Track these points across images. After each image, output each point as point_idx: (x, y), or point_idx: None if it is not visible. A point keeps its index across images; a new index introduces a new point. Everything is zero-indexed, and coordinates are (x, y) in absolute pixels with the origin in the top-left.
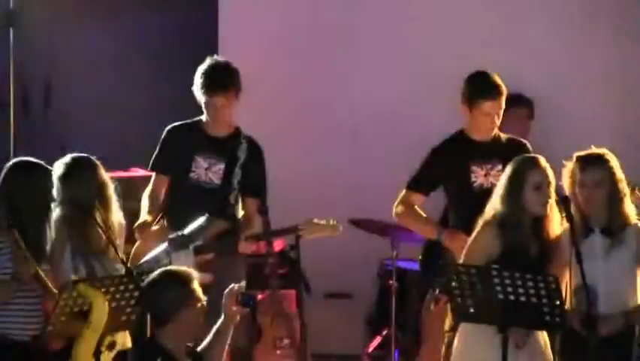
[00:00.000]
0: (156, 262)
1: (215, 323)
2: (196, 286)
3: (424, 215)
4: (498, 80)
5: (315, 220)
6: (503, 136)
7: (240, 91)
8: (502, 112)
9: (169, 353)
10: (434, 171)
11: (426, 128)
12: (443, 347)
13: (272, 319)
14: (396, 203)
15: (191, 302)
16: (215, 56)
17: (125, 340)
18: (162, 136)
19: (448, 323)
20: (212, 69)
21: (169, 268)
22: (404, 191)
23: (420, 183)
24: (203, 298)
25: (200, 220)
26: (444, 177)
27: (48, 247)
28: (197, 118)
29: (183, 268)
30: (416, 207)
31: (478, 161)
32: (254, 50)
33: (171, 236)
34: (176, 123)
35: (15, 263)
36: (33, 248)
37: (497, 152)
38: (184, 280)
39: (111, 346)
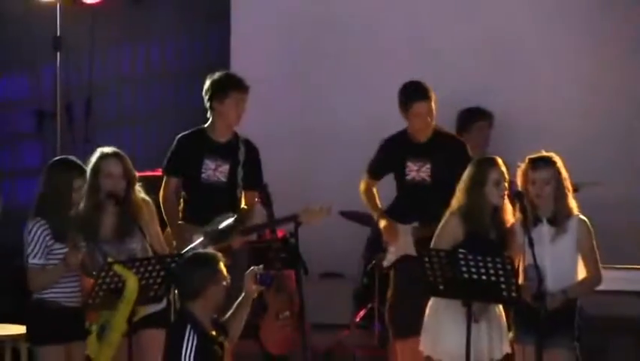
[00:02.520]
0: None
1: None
2: (222, 267)
3: (375, 197)
4: (426, 85)
5: (310, 207)
6: (441, 136)
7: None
8: (432, 114)
9: (198, 321)
10: (380, 162)
11: None
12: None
13: (275, 295)
14: (360, 185)
15: (217, 280)
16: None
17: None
18: (174, 144)
19: (389, 293)
20: (229, 74)
21: (200, 251)
22: (365, 174)
23: (372, 169)
24: (227, 276)
25: (230, 220)
26: (387, 168)
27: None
28: (201, 127)
29: (211, 251)
30: (372, 189)
31: (413, 159)
32: (261, 69)
33: (207, 231)
34: (184, 133)
35: (68, 251)
36: (57, 236)
37: (431, 150)
38: (212, 261)
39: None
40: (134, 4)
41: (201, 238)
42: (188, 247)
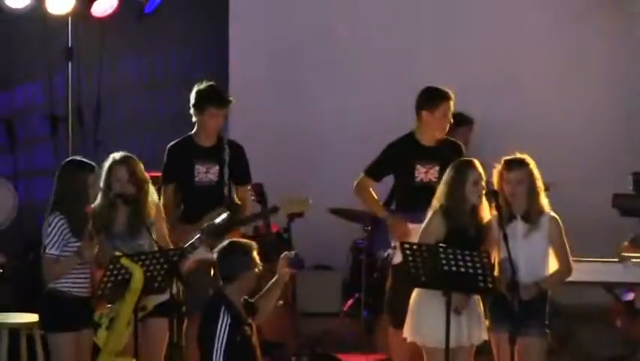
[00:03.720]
0: (192, 247)
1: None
2: (255, 254)
3: (375, 197)
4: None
5: (290, 198)
6: (445, 141)
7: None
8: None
9: (231, 303)
10: (385, 164)
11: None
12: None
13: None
14: (355, 183)
15: (251, 266)
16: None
17: (150, 303)
18: (166, 154)
19: (388, 284)
20: (211, 90)
21: (237, 240)
22: (362, 174)
23: (374, 171)
24: (260, 264)
25: (224, 215)
26: (391, 170)
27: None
28: (189, 134)
29: (247, 240)
30: (370, 189)
31: (422, 161)
32: (257, 77)
33: (203, 227)
34: (173, 142)
35: (83, 244)
36: (74, 230)
37: (438, 154)
38: (247, 249)
39: (142, 308)
40: (139, 18)
41: (198, 235)
42: (187, 244)
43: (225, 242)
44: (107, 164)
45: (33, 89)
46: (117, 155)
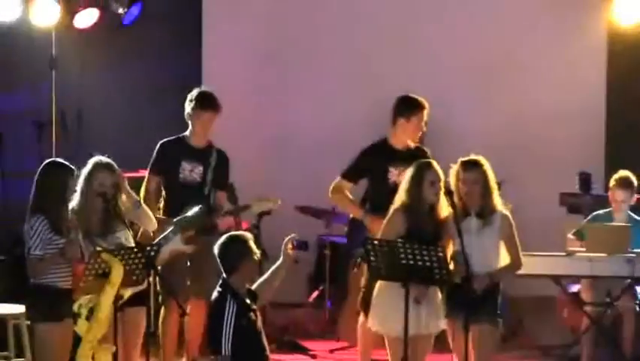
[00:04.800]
0: (165, 238)
1: (200, 282)
2: (252, 244)
3: (352, 198)
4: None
5: (261, 198)
6: (413, 146)
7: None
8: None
9: (236, 292)
10: (360, 167)
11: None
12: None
13: None
14: (331, 187)
15: (250, 256)
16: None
17: (127, 292)
18: (157, 148)
19: (363, 281)
20: (206, 94)
21: (233, 233)
22: (338, 178)
23: (350, 174)
24: (257, 252)
25: (195, 209)
26: (366, 173)
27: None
28: (182, 134)
29: (242, 232)
30: (346, 191)
31: (395, 165)
32: (229, 86)
33: (175, 220)
34: (166, 139)
35: (66, 242)
36: (55, 229)
37: (409, 158)
38: (245, 240)
39: (120, 297)
40: (119, 30)
41: (172, 227)
42: (160, 236)
43: (223, 237)
44: (89, 166)
45: (20, 96)
46: (101, 159)
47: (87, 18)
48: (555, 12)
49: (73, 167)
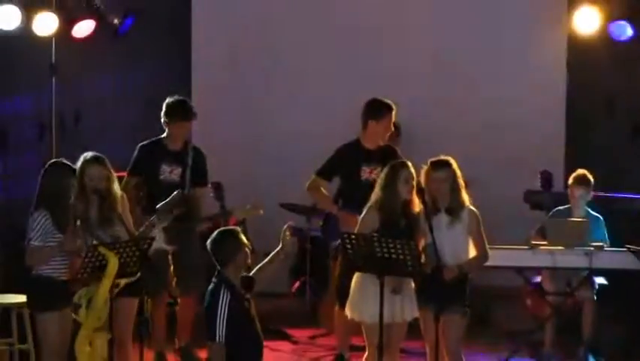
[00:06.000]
0: (151, 223)
1: (185, 280)
2: (242, 236)
3: (327, 194)
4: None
5: (242, 206)
6: (383, 145)
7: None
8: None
9: (230, 282)
10: (335, 166)
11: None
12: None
13: None
14: (308, 183)
15: (242, 247)
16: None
17: (123, 280)
18: (135, 151)
19: (337, 271)
20: (179, 104)
21: (224, 228)
22: (314, 176)
23: (325, 172)
24: (248, 243)
25: (174, 194)
26: (340, 171)
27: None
28: (160, 137)
29: (232, 227)
30: (322, 188)
31: (366, 163)
32: (216, 91)
33: (158, 207)
34: (144, 142)
35: (65, 236)
36: (57, 224)
37: (380, 157)
38: (235, 234)
39: (116, 285)
40: (114, 39)
41: (154, 216)
42: (146, 223)
43: (215, 233)
44: (79, 162)
45: (22, 100)
46: (88, 155)
47: (84, 28)
48: (520, 23)
49: (74, 167)
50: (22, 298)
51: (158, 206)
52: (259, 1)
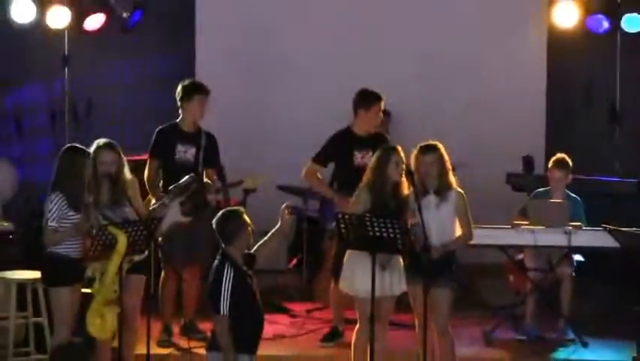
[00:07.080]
0: (163, 204)
1: (192, 250)
2: (245, 216)
3: (322, 180)
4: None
5: (252, 174)
6: (374, 132)
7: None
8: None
9: (234, 261)
10: (329, 152)
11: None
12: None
13: None
14: (304, 170)
15: (245, 226)
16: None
17: (135, 256)
18: (154, 134)
19: (334, 249)
20: (192, 83)
21: (229, 208)
22: (310, 162)
23: (320, 158)
24: (250, 223)
25: (187, 177)
26: (334, 157)
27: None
28: (174, 121)
29: (236, 207)
30: (317, 173)
31: (358, 149)
32: (220, 79)
33: (170, 188)
34: (161, 126)
35: (80, 217)
36: (72, 205)
37: (371, 143)
38: (239, 213)
39: (130, 261)
40: (123, 31)
41: (166, 196)
42: (159, 202)
43: (220, 213)
44: (93, 148)
45: (36, 89)
46: (101, 141)
47: (95, 21)
48: (503, 17)
49: (89, 151)
50: (36, 274)
51: (170, 187)
52: None
